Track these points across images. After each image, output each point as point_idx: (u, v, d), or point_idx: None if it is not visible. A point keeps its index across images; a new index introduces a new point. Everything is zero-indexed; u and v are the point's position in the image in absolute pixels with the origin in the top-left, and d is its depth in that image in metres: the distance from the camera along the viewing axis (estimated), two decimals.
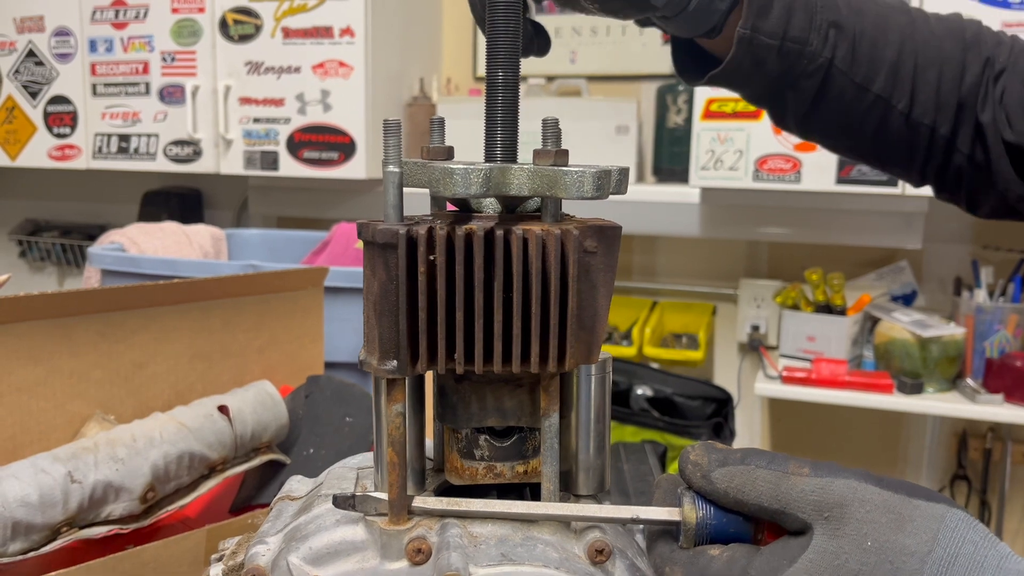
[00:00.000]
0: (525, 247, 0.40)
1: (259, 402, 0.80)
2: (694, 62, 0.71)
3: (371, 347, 0.41)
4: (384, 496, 0.42)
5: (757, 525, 0.41)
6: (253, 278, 0.91)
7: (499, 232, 0.40)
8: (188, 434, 0.72)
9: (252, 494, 0.82)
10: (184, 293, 0.84)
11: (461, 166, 0.39)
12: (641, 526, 0.45)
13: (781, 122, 0.73)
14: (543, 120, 0.42)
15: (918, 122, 0.69)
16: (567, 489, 0.46)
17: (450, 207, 0.47)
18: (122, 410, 0.80)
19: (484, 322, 0.40)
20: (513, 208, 0.44)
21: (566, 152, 0.41)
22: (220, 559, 0.48)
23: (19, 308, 0.72)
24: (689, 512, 0.41)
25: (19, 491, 0.61)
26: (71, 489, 0.63)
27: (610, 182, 0.40)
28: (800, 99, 0.69)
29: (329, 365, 1.06)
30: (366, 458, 0.50)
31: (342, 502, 0.42)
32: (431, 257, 0.39)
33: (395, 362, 0.40)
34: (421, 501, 0.43)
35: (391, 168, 0.40)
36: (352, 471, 0.49)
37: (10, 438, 0.73)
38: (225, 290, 0.88)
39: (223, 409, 0.76)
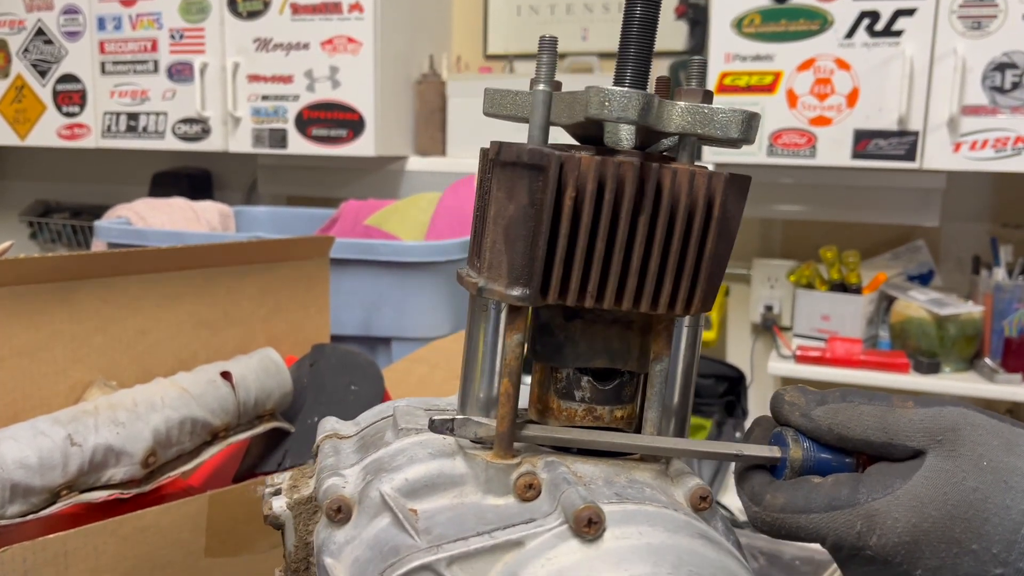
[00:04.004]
0: (674, 184, 0.38)
1: (263, 369, 0.78)
2: None
3: (495, 273, 0.39)
4: (487, 420, 0.41)
5: (858, 461, 0.41)
6: (258, 246, 0.90)
7: (654, 166, 0.38)
8: (190, 399, 0.71)
9: (256, 463, 0.81)
10: (188, 259, 0.83)
11: (622, 89, 0.37)
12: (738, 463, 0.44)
13: None
14: (691, 59, 0.41)
15: None
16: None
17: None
18: (124, 377, 0.79)
19: (623, 256, 0.39)
20: (645, 147, 0.43)
21: (711, 93, 0.40)
22: (276, 493, 0.46)
23: (20, 271, 0.71)
24: (795, 447, 0.41)
25: (17, 453, 0.60)
26: (71, 452, 0.62)
27: (754, 127, 0.39)
28: None
29: (335, 338, 1.05)
30: (412, 401, 0.49)
31: (440, 425, 0.41)
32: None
33: (526, 290, 0.39)
34: (528, 430, 0.41)
35: (542, 87, 0.39)
36: (419, 410, 0.47)
37: (11, 403, 0.72)
38: (230, 257, 0.87)
39: (226, 375, 0.75)
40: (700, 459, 0.43)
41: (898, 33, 1.84)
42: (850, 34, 1.88)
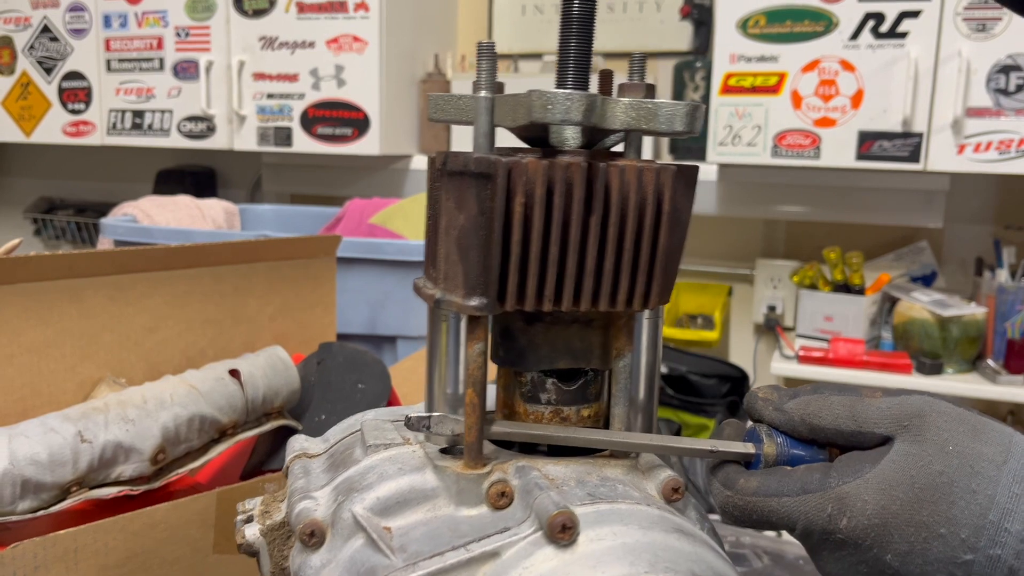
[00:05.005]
0: (622, 181, 0.38)
1: (271, 367, 0.79)
2: None
3: (451, 284, 0.39)
4: (463, 418, 0.41)
5: (830, 456, 0.42)
6: (265, 244, 0.90)
7: (601, 165, 0.38)
8: (199, 397, 0.71)
9: (263, 460, 0.82)
10: (195, 257, 0.83)
11: (564, 91, 0.37)
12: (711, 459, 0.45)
13: None
14: (631, 56, 0.41)
15: None
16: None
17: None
18: (133, 374, 0.79)
19: (578, 258, 0.39)
20: (591, 145, 0.42)
21: (654, 87, 0.40)
22: (248, 520, 0.46)
23: (29, 268, 0.72)
24: (768, 443, 0.42)
25: (28, 449, 0.60)
26: (81, 449, 0.63)
27: (699, 118, 0.39)
28: None
29: (341, 337, 1.05)
30: (379, 413, 0.49)
31: (416, 423, 0.41)
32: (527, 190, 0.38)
33: (483, 299, 0.39)
34: (498, 426, 0.41)
35: (484, 93, 0.38)
36: (387, 423, 0.47)
37: (20, 400, 0.72)
38: (237, 255, 0.87)
39: (234, 373, 0.76)
40: (673, 455, 0.43)
41: (903, 35, 1.85)
42: (855, 35, 1.88)
